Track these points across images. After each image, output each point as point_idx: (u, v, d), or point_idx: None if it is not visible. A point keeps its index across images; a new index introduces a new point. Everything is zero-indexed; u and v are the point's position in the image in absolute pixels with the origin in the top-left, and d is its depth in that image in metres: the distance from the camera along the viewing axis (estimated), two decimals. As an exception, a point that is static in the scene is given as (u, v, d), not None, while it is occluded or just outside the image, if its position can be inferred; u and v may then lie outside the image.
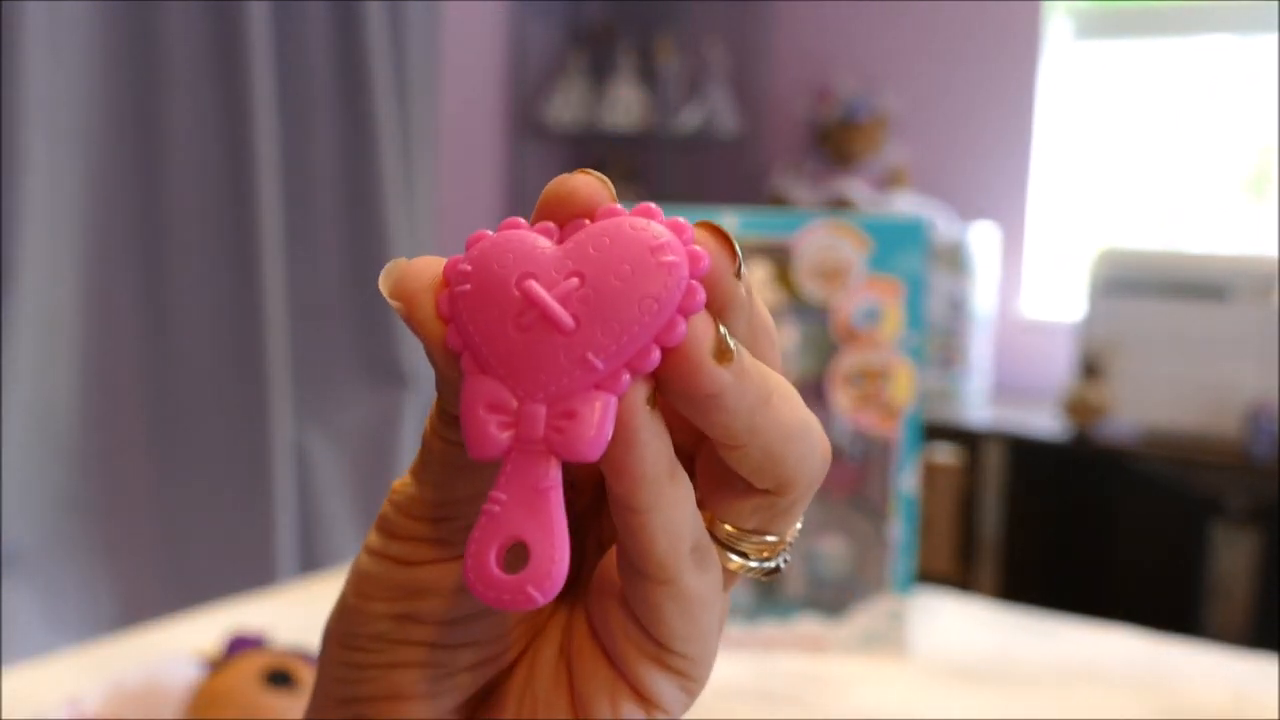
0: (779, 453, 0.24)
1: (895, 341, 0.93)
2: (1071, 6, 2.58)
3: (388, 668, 0.27)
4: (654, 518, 0.24)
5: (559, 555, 0.23)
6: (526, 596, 0.23)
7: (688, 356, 0.23)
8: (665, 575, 0.24)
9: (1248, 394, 2.05)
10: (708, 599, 0.25)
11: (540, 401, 0.23)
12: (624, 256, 0.23)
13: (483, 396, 0.23)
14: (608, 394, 0.23)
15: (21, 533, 1.60)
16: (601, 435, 0.23)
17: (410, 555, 0.26)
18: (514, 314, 0.23)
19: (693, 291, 0.23)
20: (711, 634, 0.26)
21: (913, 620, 0.99)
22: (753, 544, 0.26)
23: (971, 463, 2.26)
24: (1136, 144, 2.58)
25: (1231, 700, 0.90)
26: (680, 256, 0.23)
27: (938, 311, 2.32)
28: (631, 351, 0.23)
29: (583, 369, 0.23)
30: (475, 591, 0.23)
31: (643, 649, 0.26)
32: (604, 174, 0.26)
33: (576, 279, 0.23)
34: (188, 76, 1.75)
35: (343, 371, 2.09)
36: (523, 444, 0.23)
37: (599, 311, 0.23)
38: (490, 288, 0.23)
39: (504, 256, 0.24)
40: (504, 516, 0.23)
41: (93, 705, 0.75)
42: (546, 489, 0.23)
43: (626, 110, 2.73)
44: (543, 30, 2.81)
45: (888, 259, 0.92)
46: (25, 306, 1.56)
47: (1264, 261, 2.10)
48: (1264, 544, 2.04)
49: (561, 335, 0.23)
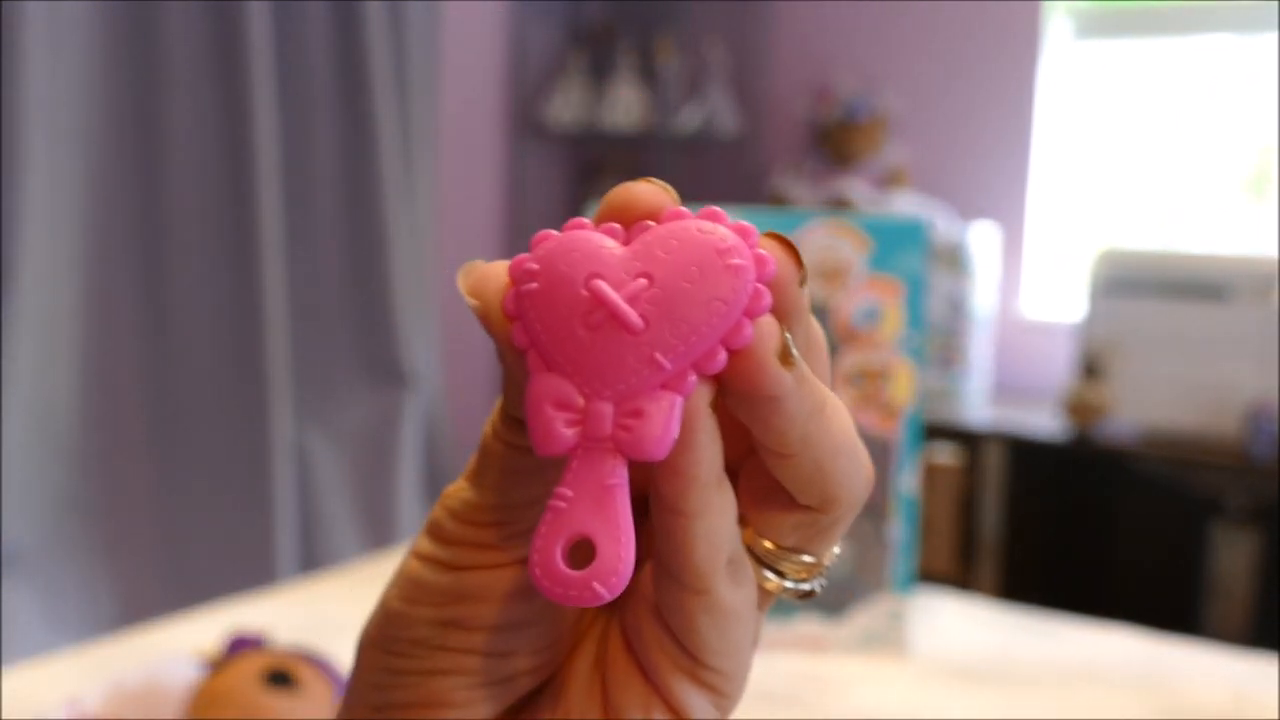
0: (827, 466, 0.25)
1: (895, 341, 0.93)
2: (1071, 6, 2.58)
3: (426, 674, 0.27)
4: (698, 523, 0.24)
5: (625, 552, 0.23)
6: (592, 592, 0.23)
7: (753, 357, 0.23)
8: (701, 585, 0.25)
9: (1248, 394, 2.05)
10: (741, 614, 0.26)
11: (607, 400, 0.23)
12: (692, 259, 0.23)
13: (549, 393, 0.23)
14: (674, 394, 0.23)
15: (21, 533, 1.60)
16: (668, 435, 0.23)
17: (460, 560, 0.26)
18: (582, 313, 0.23)
19: (759, 295, 0.23)
20: (744, 650, 0.26)
21: (913, 620, 0.99)
22: (790, 563, 0.26)
23: (971, 463, 2.26)
24: (1136, 144, 2.58)
25: (1231, 700, 0.90)
26: (747, 260, 0.23)
27: (938, 311, 2.32)
28: (699, 352, 0.23)
29: (650, 369, 0.23)
30: (541, 587, 0.23)
31: (676, 661, 0.26)
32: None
33: (645, 280, 0.23)
34: (188, 76, 1.75)
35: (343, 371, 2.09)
36: (589, 441, 0.23)
37: (667, 312, 0.23)
38: (558, 287, 0.24)
39: (571, 256, 0.24)
40: (570, 513, 0.23)
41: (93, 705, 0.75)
42: (613, 486, 0.23)
43: (626, 110, 2.73)
44: (543, 30, 2.81)
45: (888, 259, 0.92)
46: (25, 306, 1.56)
47: (1264, 261, 2.10)
48: (1264, 544, 2.04)
49: (630, 335, 0.23)
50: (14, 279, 1.54)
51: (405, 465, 2.15)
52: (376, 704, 0.27)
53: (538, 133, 2.81)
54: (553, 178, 2.92)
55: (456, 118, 2.54)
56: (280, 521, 1.87)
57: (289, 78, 1.92)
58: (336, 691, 0.72)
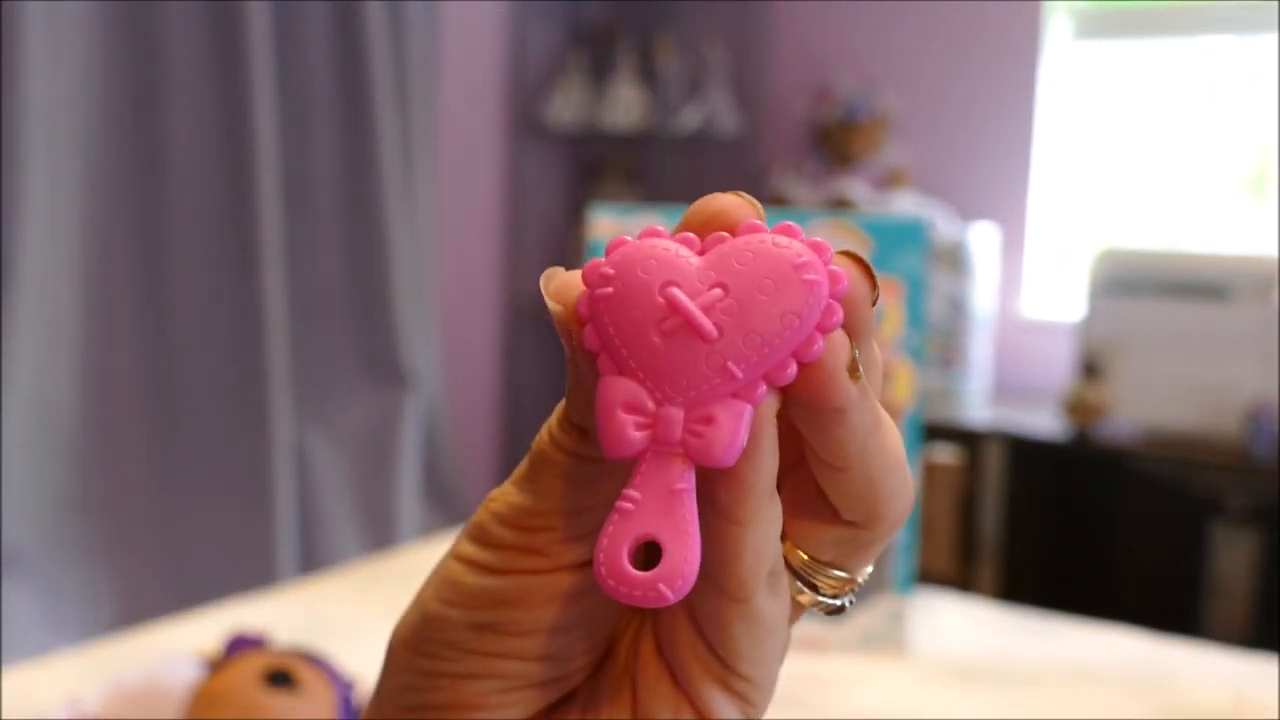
0: (878, 482, 0.25)
1: (895, 341, 0.93)
2: (1071, 6, 2.58)
3: (459, 678, 0.27)
4: (749, 531, 0.24)
5: (691, 555, 0.24)
6: (658, 594, 0.23)
7: (824, 368, 0.23)
8: (743, 594, 0.25)
9: (1248, 394, 2.05)
10: (775, 625, 0.26)
11: (679, 405, 0.24)
12: (768, 272, 0.24)
13: (620, 397, 0.24)
14: (745, 403, 0.24)
15: (21, 533, 1.60)
16: (737, 442, 0.23)
17: (501, 564, 0.26)
18: (656, 319, 0.24)
19: (832, 311, 0.24)
20: (774, 661, 0.27)
21: (913, 620, 0.99)
22: (825, 578, 0.27)
23: (971, 463, 2.26)
24: (1136, 144, 2.58)
25: (1231, 700, 0.90)
26: (822, 276, 0.24)
27: (938, 311, 2.32)
28: (770, 363, 0.23)
29: (722, 377, 0.23)
30: (606, 587, 0.24)
31: (708, 667, 0.26)
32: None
33: (720, 290, 0.24)
34: (188, 76, 1.75)
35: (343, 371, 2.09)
36: (659, 445, 0.24)
37: (741, 323, 0.24)
38: (633, 292, 0.24)
39: (647, 263, 0.24)
40: (638, 515, 0.24)
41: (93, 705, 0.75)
42: (681, 490, 0.24)
43: (626, 110, 2.73)
44: (543, 30, 2.81)
45: (888, 259, 0.92)
46: (25, 306, 1.56)
47: (1264, 261, 2.10)
48: (1264, 544, 2.04)
49: (704, 343, 0.24)
50: (14, 279, 1.54)
51: (405, 465, 2.15)
52: (408, 705, 0.28)
53: (538, 133, 2.81)
54: (553, 178, 2.92)
55: (456, 118, 2.54)
56: (280, 521, 1.87)
57: (289, 78, 1.92)
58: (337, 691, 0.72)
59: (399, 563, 1.20)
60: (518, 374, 2.82)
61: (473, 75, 2.64)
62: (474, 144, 2.68)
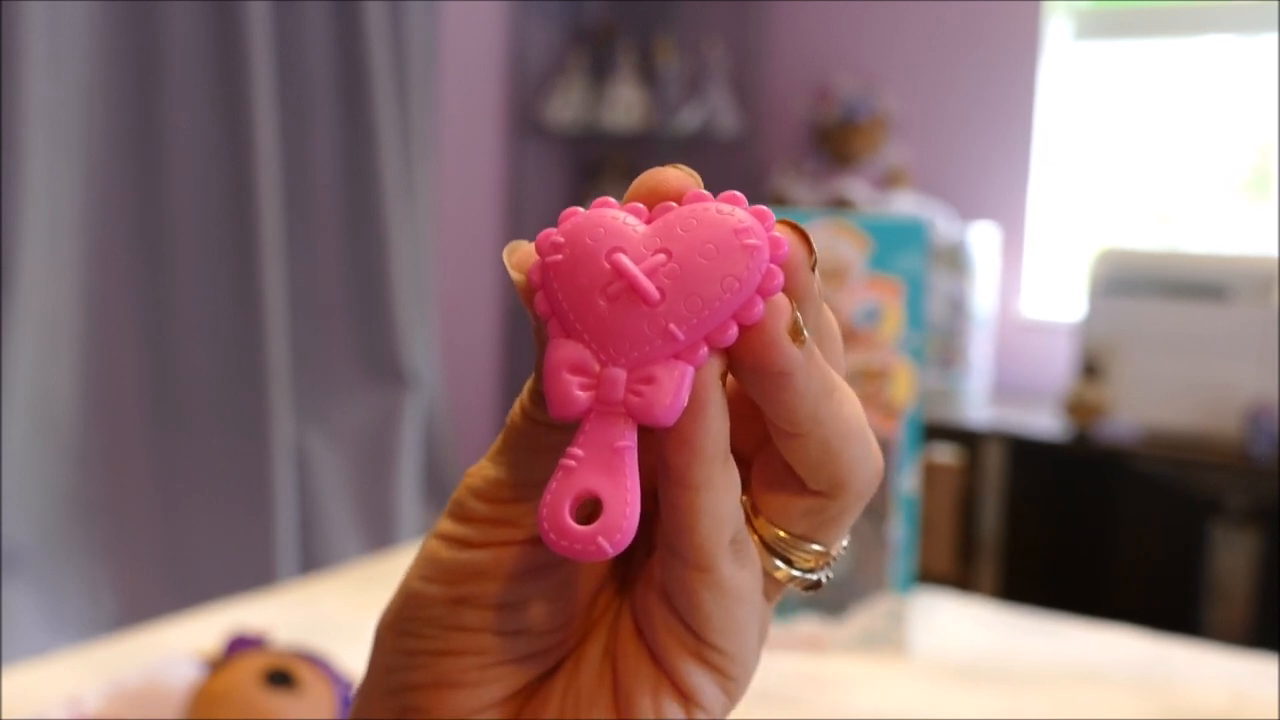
0: (836, 449, 0.25)
1: (895, 341, 0.93)
2: (1071, 6, 2.58)
3: (439, 655, 0.27)
4: (703, 496, 0.25)
5: (630, 510, 0.24)
6: (597, 547, 0.24)
7: (764, 331, 0.24)
8: (704, 561, 0.25)
9: (1248, 394, 2.05)
10: (743, 593, 0.26)
11: (621, 366, 0.24)
12: (709, 237, 0.24)
13: (566, 359, 0.25)
14: (686, 364, 0.24)
15: (21, 532, 1.60)
16: (678, 401, 0.24)
17: (478, 537, 0.27)
18: (602, 284, 0.24)
19: (772, 275, 0.24)
20: (748, 632, 0.27)
21: (913, 620, 0.99)
22: (800, 552, 0.27)
23: (971, 463, 2.26)
24: (1136, 144, 2.58)
25: (1231, 700, 0.90)
26: (762, 241, 0.24)
27: (938, 311, 2.32)
28: (711, 325, 0.24)
29: (664, 339, 0.24)
30: (548, 540, 0.24)
31: (682, 641, 0.26)
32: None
33: (664, 255, 0.24)
34: (188, 76, 1.75)
35: (343, 371, 2.09)
36: (602, 405, 0.24)
37: (683, 286, 0.24)
38: (581, 259, 0.25)
39: (595, 230, 0.25)
40: (580, 471, 0.24)
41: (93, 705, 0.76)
42: (622, 448, 0.24)
43: (626, 110, 2.73)
44: (543, 30, 2.81)
45: (888, 259, 0.92)
46: (25, 306, 1.56)
47: (1264, 261, 2.10)
48: (1264, 544, 2.04)
49: (646, 306, 0.24)
50: (14, 279, 1.54)
51: (405, 465, 2.15)
52: (391, 687, 0.28)
53: (538, 133, 2.81)
54: (553, 178, 2.92)
55: (456, 118, 2.54)
56: (280, 522, 1.87)
57: (289, 78, 1.92)
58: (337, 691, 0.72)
59: (399, 563, 1.20)
60: (518, 374, 2.82)
61: (473, 75, 2.64)
62: (474, 144, 2.68)
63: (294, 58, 1.93)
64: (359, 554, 1.98)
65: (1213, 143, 2.51)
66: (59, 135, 1.60)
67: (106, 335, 1.72)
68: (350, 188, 2.04)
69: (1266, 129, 2.42)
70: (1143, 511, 2.20)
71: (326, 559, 1.95)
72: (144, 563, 1.75)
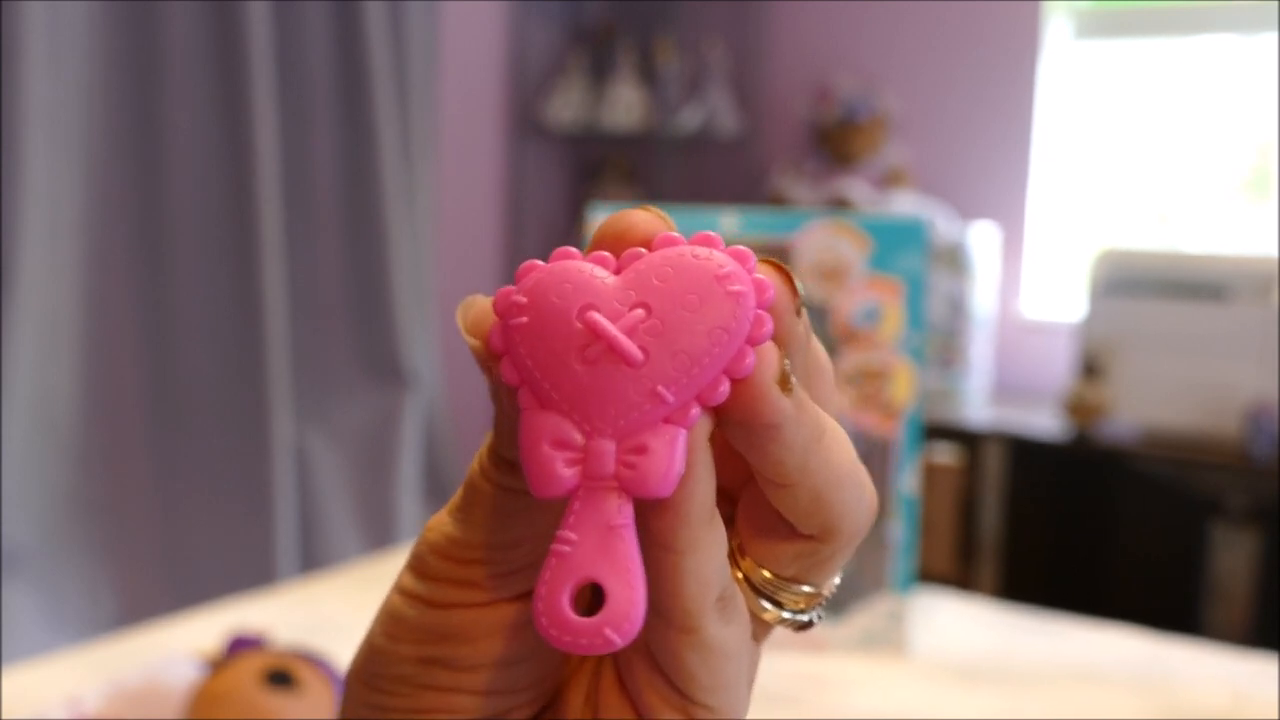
0: (827, 496, 0.24)
1: (895, 341, 0.93)
2: (1071, 6, 2.58)
3: (410, 712, 0.26)
4: (688, 559, 0.23)
5: (637, 595, 0.22)
6: (604, 639, 0.22)
7: (755, 385, 0.22)
8: (690, 623, 0.24)
9: (1248, 394, 2.05)
10: (731, 651, 0.25)
11: (608, 436, 0.22)
12: (690, 286, 0.22)
13: (546, 432, 0.22)
14: (678, 427, 0.22)
15: (21, 532, 1.60)
16: (674, 470, 0.22)
17: (443, 598, 0.26)
18: (577, 347, 0.22)
19: (761, 322, 0.22)
20: (737, 686, 0.25)
21: (913, 620, 0.99)
22: (790, 594, 0.26)
23: (971, 463, 2.26)
24: (1136, 144, 2.58)
25: (1231, 700, 0.90)
26: (747, 286, 0.22)
27: (938, 311, 2.32)
28: (702, 383, 0.22)
29: (652, 403, 0.22)
30: (549, 637, 0.22)
31: (667, 700, 0.25)
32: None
33: (642, 310, 0.22)
34: (188, 76, 1.75)
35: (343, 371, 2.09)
36: (591, 481, 0.22)
37: (668, 343, 0.22)
38: (549, 320, 0.23)
39: (562, 287, 0.23)
40: (576, 557, 0.22)
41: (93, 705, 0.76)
42: (620, 527, 0.22)
43: (626, 110, 2.73)
44: (543, 30, 2.81)
45: (888, 259, 0.92)
46: (25, 306, 1.56)
47: (1264, 261, 2.10)
48: (1264, 544, 2.04)
49: (630, 368, 0.22)
50: (14, 279, 1.54)
51: (405, 465, 2.15)
52: None
53: (538, 133, 2.81)
54: (553, 178, 2.92)
55: (456, 118, 2.54)
56: (280, 521, 1.87)
57: (289, 78, 1.92)
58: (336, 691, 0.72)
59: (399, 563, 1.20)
60: (518, 374, 2.82)
61: (473, 75, 2.64)
62: (474, 144, 2.68)
63: (294, 58, 1.93)
64: (359, 554, 1.98)
65: (1213, 143, 2.51)
66: (59, 135, 1.60)
67: (106, 335, 1.71)
68: (350, 188, 2.04)
69: (1266, 129, 2.42)
70: (1143, 511, 2.20)
71: (326, 559, 1.95)
72: (144, 563, 1.75)
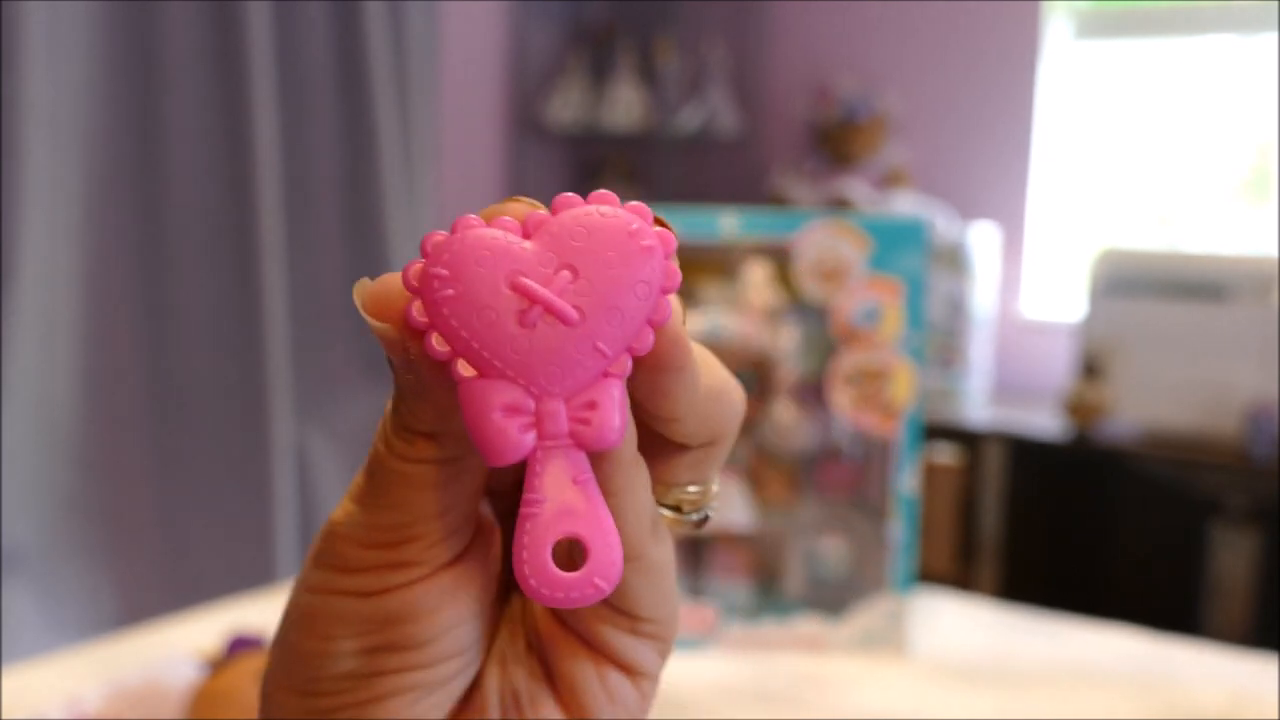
0: (712, 413, 0.26)
1: (895, 341, 0.93)
2: (1071, 6, 2.58)
3: (365, 704, 0.26)
4: (627, 498, 0.25)
5: (614, 540, 0.24)
6: (595, 588, 0.23)
7: (670, 331, 0.24)
8: (635, 552, 0.25)
9: (1248, 394, 2.05)
10: (666, 566, 0.27)
11: (557, 397, 0.23)
12: (607, 244, 0.23)
13: (495, 400, 0.23)
14: (617, 379, 0.23)
15: (21, 533, 1.60)
16: (622, 421, 0.23)
17: (377, 585, 0.26)
18: (513, 312, 0.23)
19: (671, 272, 0.24)
20: (673, 595, 0.27)
21: (913, 620, 0.99)
22: (685, 497, 0.28)
23: (971, 463, 2.26)
24: (1136, 144, 2.58)
25: (1231, 700, 0.90)
26: (654, 239, 0.24)
27: (938, 311, 2.32)
28: (630, 335, 0.23)
29: (594, 359, 0.23)
30: (539, 596, 0.23)
31: (617, 624, 0.27)
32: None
33: (568, 271, 0.23)
34: (188, 77, 1.75)
35: (343, 371, 2.09)
36: (548, 441, 0.23)
37: (599, 300, 0.23)
38: (478, 288, 0.23)
39: (480, 254, 0.23)
40: (548, 517, 0.23)
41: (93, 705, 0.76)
42: (585, 481, 0.24)
43: (626, 110, 2.73)
44: (543, 30, 2.81)
45: (888, 259, 0.92)
46: (25, 307, 1.56)
47: (1264, 261, 2.10)
48: (1264, 544, 2.04)
49: (568, 328, 0.23)
50: (14, 279, 1.54)
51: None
52: None
53: (538, 133, 2.81)
54: (553, 178, 2.92)
55: (456, 118, 2.54)
56: (280, 521, 1.87)
57: (289, 78, 1.92)
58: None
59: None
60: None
61: (473, 75, 2.64)
62: (474, 144, 2.68)
63: (294, 58, 1.93)
64: (359, 554, 1.98)
65: (1212, 143, 2.51)
66: (59, 135, 1.60)
67: (106, 335, 1.71)
68: (350, 188, 2.04)
69: (1266, 129, 2.42)
70: (1143, 511, 2.20)
71: (326, 559, 1.95)
72: (144, 563, 1.75)
